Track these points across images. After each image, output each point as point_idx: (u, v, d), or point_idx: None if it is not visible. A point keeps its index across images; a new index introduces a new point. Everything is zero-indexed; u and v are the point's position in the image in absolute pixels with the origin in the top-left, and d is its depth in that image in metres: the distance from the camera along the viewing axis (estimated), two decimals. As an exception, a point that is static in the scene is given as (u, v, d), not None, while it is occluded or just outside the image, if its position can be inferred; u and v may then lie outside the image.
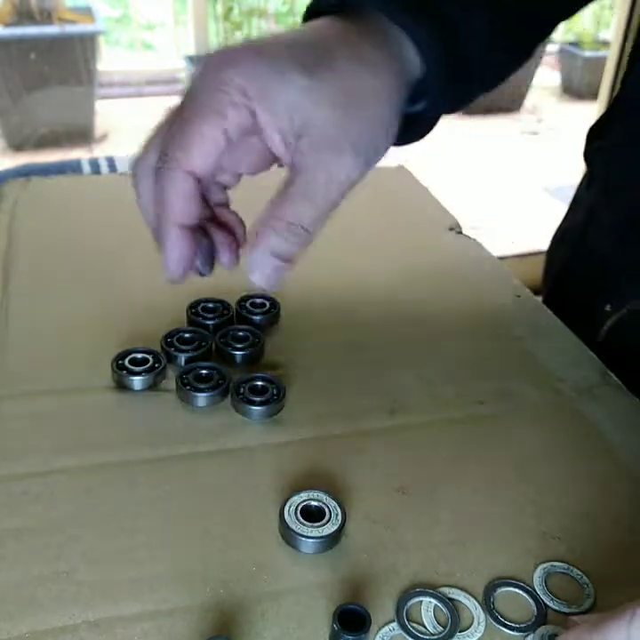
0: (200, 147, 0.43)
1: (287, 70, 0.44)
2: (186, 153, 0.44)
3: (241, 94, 0.43)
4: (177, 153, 0.44)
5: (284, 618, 0.39)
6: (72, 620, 0.38)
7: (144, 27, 4.13)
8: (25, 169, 0.90)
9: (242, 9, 3.90)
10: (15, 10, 3.34)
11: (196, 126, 0.43)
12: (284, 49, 0.45)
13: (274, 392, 0.53)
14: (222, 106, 0.43)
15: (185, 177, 0.44)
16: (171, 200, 0.45)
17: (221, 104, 0.43)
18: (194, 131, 0.43)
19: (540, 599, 0.41)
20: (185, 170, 0.44)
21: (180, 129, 0.44)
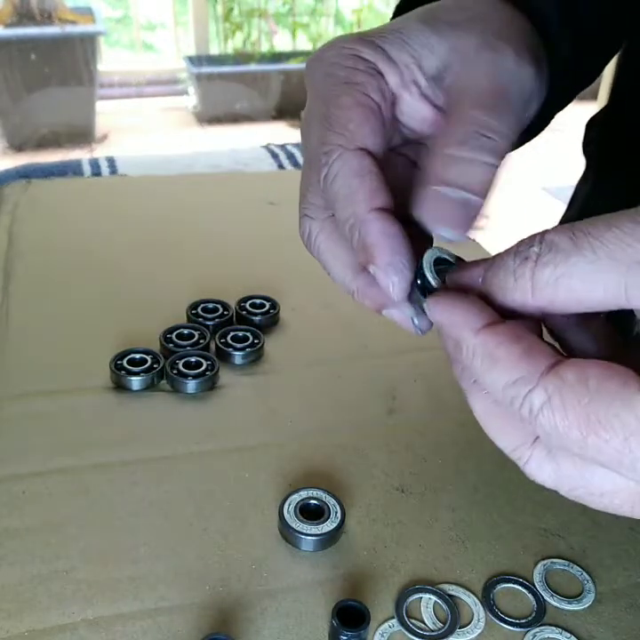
0: (356, 121, 0.36)
1: (405, 27, 0.38)
2: (341, 133, 0.36)
3: (360, 60, 0.37)
4: (334, 139, 0.36)
5: (283, 615, 0.39)
6: (71, 619, 0.38)
7: (144, 27, 4.13)
8: (25, 169, 0.90)
9: (242, 9, 3.90)
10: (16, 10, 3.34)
11: (337, 111, 0.36)
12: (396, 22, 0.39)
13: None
14: (351, 76, 0.36)
15: (357, 155, 0.35)
16: (351, 185, 0.35)
17: (348, 77, 0.36)
18: (338, 114, 0.36)
19: (540, 595, 0.41)
20: (353, 147, 0.35)
21: (328, 120, 0.36)
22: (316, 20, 4.05)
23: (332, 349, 0.60)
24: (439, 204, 0.33)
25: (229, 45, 3.96)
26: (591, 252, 0.26)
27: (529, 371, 0.27)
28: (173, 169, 0.92)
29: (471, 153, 0.33)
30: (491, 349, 0.29)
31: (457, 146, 0.34)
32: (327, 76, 0.37)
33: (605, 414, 0.25)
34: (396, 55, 0.37)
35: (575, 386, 0.26)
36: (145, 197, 0.82)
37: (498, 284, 0.29)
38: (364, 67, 0.37)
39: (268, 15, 3.93)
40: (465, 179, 0.33)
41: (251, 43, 3.96)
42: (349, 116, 0.36)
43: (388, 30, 0.38)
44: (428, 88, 0.38)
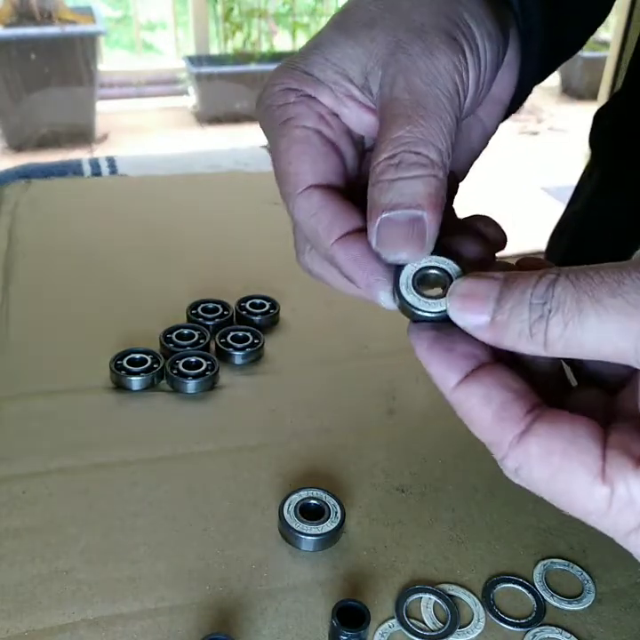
0: (294, 159, 0.36)
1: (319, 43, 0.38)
2: (287, 182, 0.36)
3: (289, 93, 0.37)
4: (284, 188, 0.37)
5: (283, 615, 0.39)
6: (71, 619, 0.38)
7: (144, 27, 4.14)
8: (25, 169, 0.90)
9: (242, 9, 3.90)
10: (15, 10, 3.35)
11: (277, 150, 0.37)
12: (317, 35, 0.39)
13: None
14: (283, 114, 0.37)
15: (306, 195, 0.36)
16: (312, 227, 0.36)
17: (282, 115, 0.37)
18: (278, 153, 0.37)
19: (540, 595, 0.41)
20: (299, 192, 0.36)
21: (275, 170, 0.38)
22: (316, 20, 4.05)
23: (332, 349, 0.60)
24: (388, 231, 0.32)
25: (229, 45, 3.96)
26: (597, 318, 0.26)
27: (500, 439, 0.30)
28: (173, 169, 0.92)
29: (404, 173, 0.32)
30: (464, 411, 0.31)
31: (387, 169, 0.33)
32: (267, 121, 0.38)
33: (567, 495, 0.28)
34: (322, 75, 0.37)
35: (540, 460, 0.28)
36: (145, 197, 0.82)
37: (511, 334, 0.29)
38: (295, 97, 0.37)
39: (268, 15, 3.93)
40: (406, 198, 0.32)
41: (251, 43, 3.96)
42: (287, 158, 0.36)
43: (310, 50, 0.38)
44: (363, 97, 0.37)
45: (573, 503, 0.28)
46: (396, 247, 0.32)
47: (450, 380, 0.31)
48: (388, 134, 0.33)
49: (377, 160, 0.33)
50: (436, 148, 0.33)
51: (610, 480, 0.27)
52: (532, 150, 3.61)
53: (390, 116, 0.34)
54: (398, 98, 0.34)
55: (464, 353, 0.31)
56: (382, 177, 0.33)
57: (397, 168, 0.32)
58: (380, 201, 0.32)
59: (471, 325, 0.30)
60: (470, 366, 0.30)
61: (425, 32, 0.35)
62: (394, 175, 0.32)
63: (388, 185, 0.32)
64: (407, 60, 0.35)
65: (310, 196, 0.36)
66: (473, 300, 0.30)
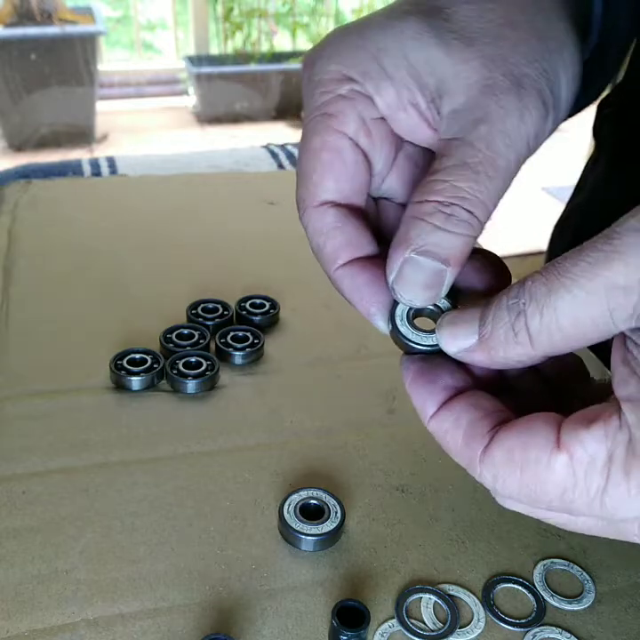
0: (320, 168, 0.34)
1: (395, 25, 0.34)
2: (306, 187, 0.35)
3: (344, 80, 0.34)
4: (301, 192, 0.35)
5: (283, 615, 0.39)
6: (71, 619, 0.38)
7: (144, 27, 4.14)
8: (25, 169, 0.90)
9: (242, 9, 3.90)
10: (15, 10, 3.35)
11: (306, 148, 0.35)
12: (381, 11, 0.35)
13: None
14: (327, 105, 0.34)
15: (320, 211, 0.35)
16: (318, 241, 0.35)
17: (326, 105, 0.34)
18: (307, 153, 0.35)
19: (540, 595, 0.41)
20: (313, 206, 0.35)
21: (299, 165, 0.36)
22: (315, 20, 4.05)
23: (332, 349, 0.60)
24: (412, 273, 0.32)
25: (229, 45, 3.96)
26: (566, 291, 0.26)
27: (470, 459, 0.31)
28: (173, 169, 0.92)
29: (450, 226, 0.31)
30: (440, 438, 0.32)
31: (437, 215, 0.31)
32: (309, 97, 0.35)
33: (537, 483, 0.28)
34: (393, 72, 0.34)
35: (505, 464, 0.29)
36: (145, 197, 0.82)
37: (498, 341, 0.29)
38: (347, 90, 0.34)
39: (268, 15, 3.93)
40: (441, 250, 0.31)
41: (251, 43, 3.96)
42: (313, 164, 0.35)
43: (387, 32, 0.34)
44: (427, 110, 0.34)
45: (547, 490, 0.28)
46: (414, 292, 0.32)
47: (427, 411, 0.33)
48: (450, 177, 0.32)
49: (428, 197, 0.32)
50: (487, 211, 0.32)
51: (565, 446, 0.27)
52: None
53: (458, 162, 0.32)
54: (474, 146, 0.32)
55: (444, 385, 0.32)
56: (428, 219, 0.31)
57: (447, 219, 0.31)
58: (415, 240, 0.31)
59: (462, 350, 0.31)
60: (447, 396, 0.32)
61: (522, 87, 0.33)
62: (441, 224, 0.31)
63: (431, 229, 0.31)
64: (497, 111, 0.32)
65: (325, 213, 0.34)
66: (459, 326, 0.31)
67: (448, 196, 0.31)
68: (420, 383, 0.33)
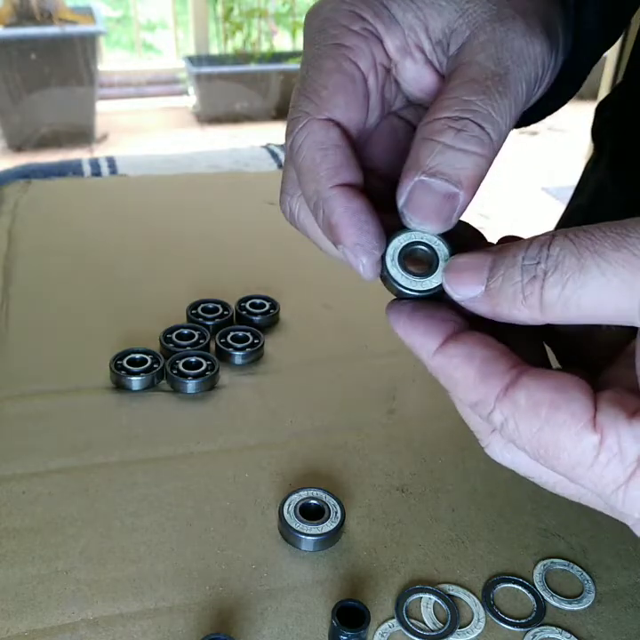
0: (331, 89, 0.33)
1: None
2: (313, 100, 0.33)
3: (357, 19, 0.34)
4: (306, 107, 0.33)
5: (283, 615, 0.39)
6: (71, 619, 0.38)
7: (144, 27, 4.14)
8: (25, 169, 0.90)
9: (242, 9, 3.90)
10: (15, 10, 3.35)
11: (317, 74, 0.33)
12: None
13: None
14: (342, 38, 0.33)
15: (324, 126, 0.33)
16: (315, 158, 0.33)
17: (340, 37, 0.33)
18: (317, 78, 0.33)
19: (540, 595, 0.41)
20: (322, 117, 0.33)
21: (303, 83, 0.34)
22: (315, 20, 4.05)
23: (332, 349, 0.60)
24: (422, 196, 0.30)
25: (229, 45, 3.96)
26: (600, 273, 0.25)
27: (486, 395, 0.28)
28: (173, 169, 0.92)
29: (461, 142, 0.30)
30: (448, 373, 0.29)
31: (447, 131, 0.30)
32: (318, 32, 0.34)
33: (554, 446, 0.27)
34: (401, 16, 0.33)
35: (527, 412, 0.27)
36: (145, 197, 0.82)
37: (505, 299, 0.28)
38: (360, 27, 0.33)
39: (268, 15, 3.93)
40: (452, 170, 0.30)
41: (250, 43, 3.96)
42: (325, 81, 0.33)
43: None
44: (432, 53, 0.34)
45: (559, 454, 0.27)
46: (425, 216, 0.30)
47: (431, 345, 0.30)
48: (459, 93, 0.31)
49: (437, 115, 0.30)
50: (499, 128, 0.31)
51: (600, 428, 0.26)
52: (532, 150, 3.61)
53: (467, 79, 0.31)
54: (482, 64, 0.31)
55: (443, 318, 0.30)
56: (438, 137, 0.30)
57: (457, 134, 0.30)
58: (425, 162, 0.30)
59: (467, 298, 0.29)
60: (450, 330, 0.30)
61: (528, 15, 0.33)
62: (451, 141, 0.30)
63: (441, 149, 0.30)
64: (504, 34, 0.32)
65: (330, 128, 0.32)
66: (467, 272, 0.29)
67: (457, 109, 0.30)
68: (418, 318, 0.30)
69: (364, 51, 0.34)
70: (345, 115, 0.33)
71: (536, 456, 0.28)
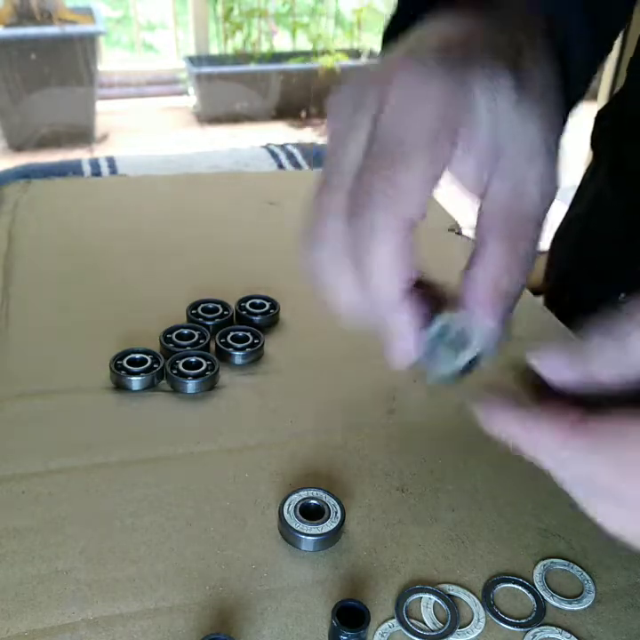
0: (415, 187, 0.32)
1: (489, 73, 0.33)
2: (398, 196, 0.32)
3: (443, 119, 0.32)
4: (384, 199, 0.32)
5: (283, 615, 0.39)
6: (71, 619, 0.38)
7: (144, 27, 4.14)
8: (25, 169, 0.90)
9: (242, 9, 3.90)
10: (15, 10, 3.35)
11: (404, 163, 0.32)
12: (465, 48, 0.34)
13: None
14: (436, 133, 0.32)
15: (399, 226, 0.32)
16: (388, 258, 0.33)
17: (435, 131, 0.32)
18: (405, 168, 0.32)
19: (540, 595, 0.41)
20: (400, 217, 0.32)
21: (383, 166, 0.32)
22: (315, 20, 4.05)
23: (332, 349, 0.60)
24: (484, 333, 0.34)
25: (229, 45, 3.96)
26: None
27: None
28: (173, 169, 0.92)
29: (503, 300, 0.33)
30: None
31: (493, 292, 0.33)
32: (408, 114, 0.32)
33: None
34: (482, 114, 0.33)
35: None
36: (145, 197, 0.82)
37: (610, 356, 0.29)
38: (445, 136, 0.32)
39: (268, 15, 3.93)
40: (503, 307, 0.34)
41: (251, 43, 3.96)
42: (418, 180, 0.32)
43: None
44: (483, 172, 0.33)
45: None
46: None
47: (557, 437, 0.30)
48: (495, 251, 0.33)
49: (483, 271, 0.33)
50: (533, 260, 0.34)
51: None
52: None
53: (497, 229, 0.33)
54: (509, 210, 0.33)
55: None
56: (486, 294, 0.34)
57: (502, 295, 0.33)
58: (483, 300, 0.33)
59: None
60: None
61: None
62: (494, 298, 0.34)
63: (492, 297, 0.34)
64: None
65: (400, 228, 0.32)
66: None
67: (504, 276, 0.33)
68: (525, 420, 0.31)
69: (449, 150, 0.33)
70: (419, 216, 0.32)
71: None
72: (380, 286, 0.34)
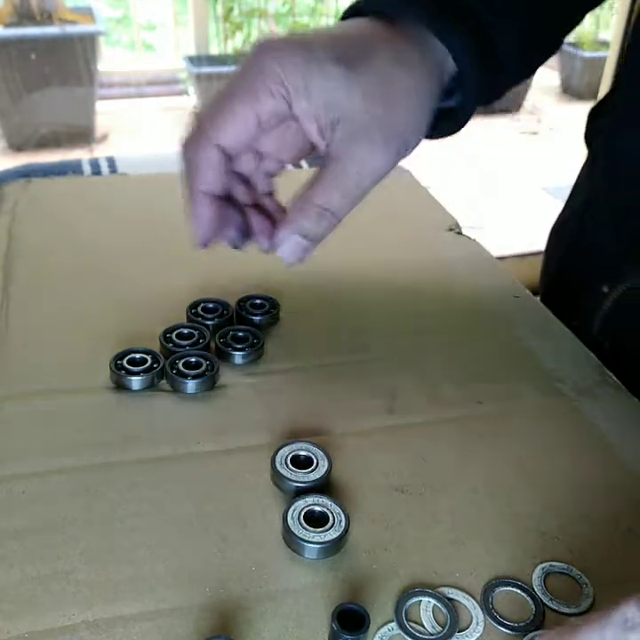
0: (229, 123, 0.47)
1: (325, 63, 0.46)
2: (214, 127, 0.47)
3: (279, 83, 0.46)
4: (206, 126, 0.47)
5: (283, 617, 0.39)
6: (71, 620, 0.38)
7: (144, 27, 4.14)
8: (25, 169, 0.90)
9: (242, 9, 3.90)
10: (15, 10, 3.34)
11: (229, 105, 0.47)
12: (324, 42, 0.47)
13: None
14: (258, 91, 0.46)
15: (212, 148, 0.48)
16: (198, 168, 0.49)
17: (258, 89, 0.46)
18: (227, 108, 0.47)
19: (539, 599, 0.41)
20: (213, 142, 0.47)
21: (215, 105, 0.47)
22: (315, 21, 4.05)
23: (332, 349, 0.60)
24: (290, 244, 0.49)
25: (229, 45, 3.96)
26: None
27: None
28: (173, 168, 0.92)
29: (315, 223, 0.48)
30: None
31: (309, 212, 0.48)
32: (252, 72, 0.47)
33: None
34: (315, 97, 0.46)
35: None
36: (145, 197, 0.82)
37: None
38: (278, 92, 0.46)
39: (268, 15, 3.93)
40: (311, 233, 0.48)
41: (251, 43, 3.96)
42: (228, 117, 0.47)
43: (320, 69, 0.46)
44: (323, 129, 0.47)
45: None
46: (289, 253, 0.51)
47: None
48: (326, 191, 0.48)
49: (312, 201, 0.48)
50: (345, 212, 0.49)
51: None
52: (532, 150, 3.61)
53: (332, 178, 0.48)
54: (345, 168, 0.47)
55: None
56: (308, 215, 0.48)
57: (320, 217, 0.48)
58: (295, 225, 0.48)
59: None
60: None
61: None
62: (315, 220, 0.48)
63: (308, 222, 0.48)
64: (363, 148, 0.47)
65: (213, 150, 0.48)
66: None
67: (324, 203, 0.48)
68: None
69: (268, 107, 0.47)
70: (230, 145, 0.48)
71: None
72: (190, 180, 0.52)
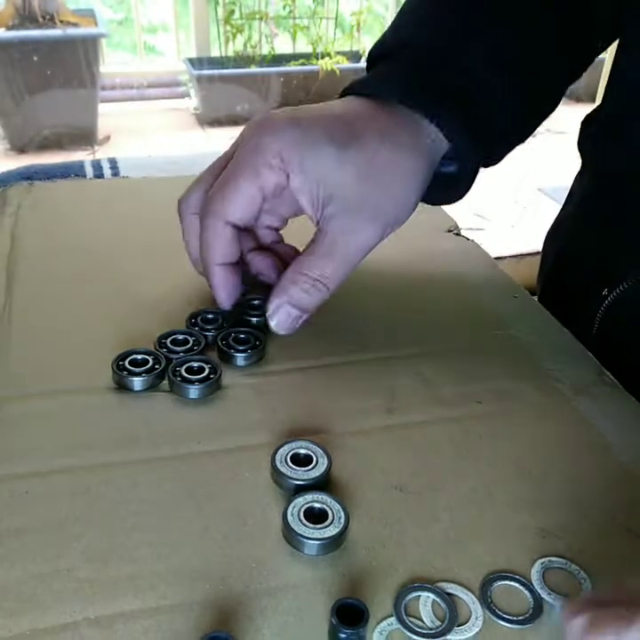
0: (237, 201, 0.52)
1: (319, 141, 0.50)
2: (225, 206, 0.52)
3: (277, 158, 0.50)
4: (217, 206, 0.52)
5: (283, 613, 0.39)
6: (72, 618, 0.39)
7: (146, 29, 4.14)
8: (27, 171, 0.90)
9: (243, 12, 3.90)
10: (17, 12, 3.35)
11: (233, 183, 0.51)
12: (319, 121, 0.51)
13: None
14: (259, 167, 0.50)
15: (224, 226, 0.53)
16: (213, 245, 0.54)
17: (259, 165, 0.50)
18: (232, 186, 0.51)
19: (537, 593, 0.41)
20: (224, 220, 0.52)
21: (222, 184, 0.52)
22: (316, 23, 4.06)
23: (332, 349, 0.60)
24: (281, 314, 0.55)
25: (230, 48, 3.96)
26: None
27: None
28: (175, 170, 0.92)
29: (311, 291, 0.53)
30: None
31: (300, 283, 0.53)
32: (253, 151, 0.51)
33: None
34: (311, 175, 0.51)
35: None
36: (147, 199, 0.83)
37: None
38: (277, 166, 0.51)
39: (269, 18, 3.94)
40: (302, 303, 0.54)
41: (251, 45, 3.97)
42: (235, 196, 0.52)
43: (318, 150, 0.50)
44: (316, 206, 0.52)
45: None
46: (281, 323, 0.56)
47: None
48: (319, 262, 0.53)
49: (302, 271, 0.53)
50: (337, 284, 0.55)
51: None
52: (530, 152, 3.61)
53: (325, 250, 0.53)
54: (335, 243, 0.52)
55: None
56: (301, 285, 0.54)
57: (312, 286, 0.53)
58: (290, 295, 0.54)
59: None
60: None
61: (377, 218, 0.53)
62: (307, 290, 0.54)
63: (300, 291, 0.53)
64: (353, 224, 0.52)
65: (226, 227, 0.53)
66: None
67: (315, 274, 0.52)
68: None
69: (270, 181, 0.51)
70: (240, 220, 0.53)
71: None
72: (206, 255, 0.55)
